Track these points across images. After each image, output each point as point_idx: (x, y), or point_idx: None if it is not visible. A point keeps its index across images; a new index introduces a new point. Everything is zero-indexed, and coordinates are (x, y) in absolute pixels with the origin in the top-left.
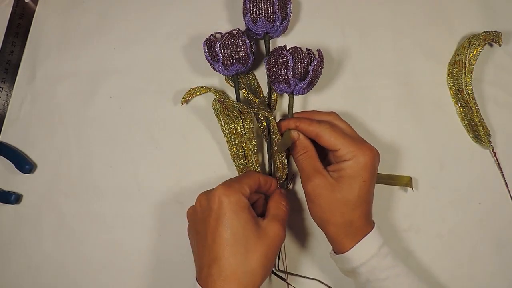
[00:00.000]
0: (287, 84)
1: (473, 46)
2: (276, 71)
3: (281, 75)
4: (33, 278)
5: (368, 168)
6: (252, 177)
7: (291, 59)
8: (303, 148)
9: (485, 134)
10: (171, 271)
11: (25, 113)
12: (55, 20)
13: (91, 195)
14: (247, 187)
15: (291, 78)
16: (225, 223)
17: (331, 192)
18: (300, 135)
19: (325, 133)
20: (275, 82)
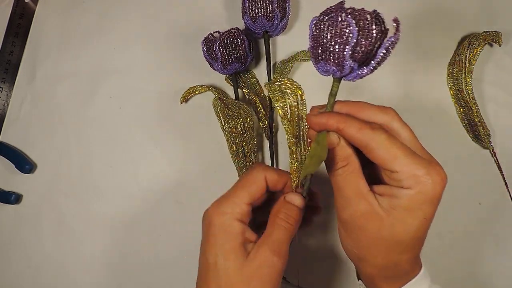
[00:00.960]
0: (338, 66)
1: (473, 46)
2: (326, 44)
3: (333, 51)
4: (33, 278)
5: (434, 202)
6: (254, 181)
7: (355, 31)
8: (344, 159)
9: (485, 134)
10: (171, 271)
11: (25, 113)
12: (55, 20)
13: (91, 195)
14: (247, 198)
15: (347, 59)
16: (209, 250)
17: (376, 227)
18: (341, 139)
19: (380, 146)
20: (320, 60)
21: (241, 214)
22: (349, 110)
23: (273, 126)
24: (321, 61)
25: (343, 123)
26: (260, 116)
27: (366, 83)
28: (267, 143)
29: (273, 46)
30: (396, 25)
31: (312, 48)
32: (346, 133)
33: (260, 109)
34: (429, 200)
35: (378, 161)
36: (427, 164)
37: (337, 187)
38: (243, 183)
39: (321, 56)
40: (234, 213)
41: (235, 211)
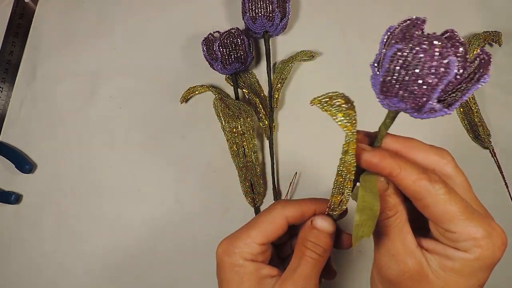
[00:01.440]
0: (417, 106)
1: (473, 46)
2: (408, 80)
3: (417, 91)
4: (33, 278)
5: (491, 267)
6: (271, 221)
7: (454, 65)
8: (392, 207)
9: (485, 134)
10: (171, 271)
11: (25, 113)
12: (55, 20)
13: (91, 195)
14: (259, 238)
15: (433, 101)
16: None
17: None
18: (390, 186)
19: (438, 202)
20: (394, 97)
21: (251, 254)
22: (399, 147)
23: (273, 126)
24: (394, 98)
25: (397, 169)
26: (260, 116)
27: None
28: (267, 143)
29: (273, 46)
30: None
31: (384, 82)
32: (400, 181)
33: (260, 109)
34: (486, 266)
35: (432, 218)
36: (487, 225)
37: (381, 242)
38: (257, 222)
39: (397, 92)
40: (243, 253)
41: (244, 251)
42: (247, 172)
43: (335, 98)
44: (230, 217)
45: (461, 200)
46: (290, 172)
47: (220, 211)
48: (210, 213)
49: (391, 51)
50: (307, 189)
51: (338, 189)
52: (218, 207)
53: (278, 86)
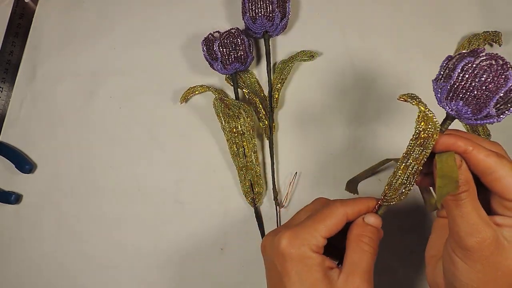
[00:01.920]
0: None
1: (473, 46)
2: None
3: (479, 95)
4: (33, 278)
5: None
6: (334, 216)
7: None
8: (466, 182)
9: (485, 134)
10: (171, 271)
11: (25, 113)
12: (55, 20)
13: (91, 195)
14: (324, 232)
15: (491, 107)
16: (288, 285)
17: (504, 258)
18: (463, 163)
19: (507, 174)
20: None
21: (317, 246)
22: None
23: (273, 126)
24: (459, 101)
25: (471, 145)
26: (260, 116)
27: (365, 83)
28: (267, 143)
29: (273, 46)
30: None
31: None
32: (474, 156)
33: (260, 109)
34: None
35: (502, 190)
36: None
37: (460, 213)
38: (321, 217)
39: (463, 96)
40: (311, 245)
41: (312, 243)
42: (247, 172)
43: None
44: (230, 217)
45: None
46: (290, 172)
47: (220, 211)
48: (210, 213)
49: (463, 62)
50: (307, 189)
51: (402, 180)
52: (218, 207)
53: (278, 86)
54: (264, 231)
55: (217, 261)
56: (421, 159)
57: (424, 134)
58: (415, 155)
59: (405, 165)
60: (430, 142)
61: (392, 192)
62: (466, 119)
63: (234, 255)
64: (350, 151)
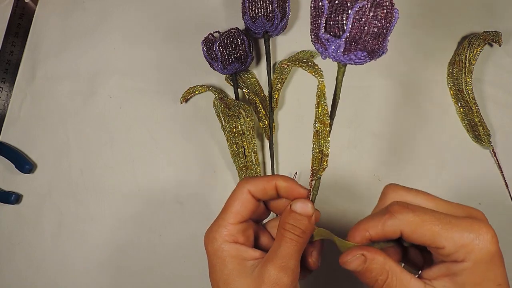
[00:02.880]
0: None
1: (473, 46)
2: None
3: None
4: (33, 278)
5: (497, 261)
6: (236, 198)
7: (326, 4)
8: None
9: (485, 134)
10: (171, 271)
11: (25, 113)
12: (55, 20)
13: (91, 195)
14: (231, 218)
15: (322, 33)
16: (212, 279)
17: None
18: (367, 257)
19: (412, 228)
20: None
21: (229, 236)
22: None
23: (273, 126)
24: (315, 44)
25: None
26: (260, 116)
27: (365, 82)
28: (267, 143)
29: (273, 46)
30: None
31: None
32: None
33: (260, 109)
34: (491, 264)
35: (419, 243)
36: (469, 227)
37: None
38: (226, 204)
39: (311, 37)
40: (222, 236)
41: (223, 234)
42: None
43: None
44: None
45: (434, 215)
46: (290, 172)
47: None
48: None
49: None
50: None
51: (316, 146)
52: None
53: (278, 86)
54: None
55: None
56: (324, 120)
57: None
58: (319, 115)
59: (314, 132)
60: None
61: (315, 162)
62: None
63: None
64: (350, 151)
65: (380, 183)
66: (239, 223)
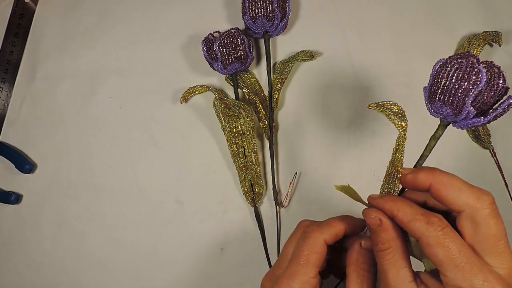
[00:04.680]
0: (456, 110)
1: (473, 46)
2: (449, 86)
3: (455, 94)
4: (33, 278)
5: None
6: (315, 251)
7: (483, 79)
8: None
9: (485, 134)
10: (171, 271)
11: (25, 113)
12: (55, 20)
13: (91, 195)
14: (313, 272)
15: (468, 105)
16: None
17: None
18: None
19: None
20: (437, 101)
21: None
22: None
23: (273, 126)
24: (438, 102)
25: (395, 211)
26: (260, 116)
27: (365, 82)
28: (267, 143)
29: (273, 46)
30: None
31: (430, 87)
32: (399, 221)
33: (260, 109)
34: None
35: (427, 256)
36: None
37: (380, 273)
38: (304, 256)
39: (439, 96)
40: None
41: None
42: (247, 172)
43: (389, 104)
44: (230, 217)
45: (458, 247)
46: (290, 172)
47: (220, 211)
48: (210, 213)
49: (437, 64)
50: (307, 189)
51: (386, 189)
52: (218, 207)
53: (278, 86)
54: (264, 231)
55: (217, 261)
56: (398, 166)
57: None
58: (394, 160)
59: (387, 172)
60: (400, 148)
61: None
62: (453, 121)
63: (234, 255)
64: (350, 151)
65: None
66: (317, 275)
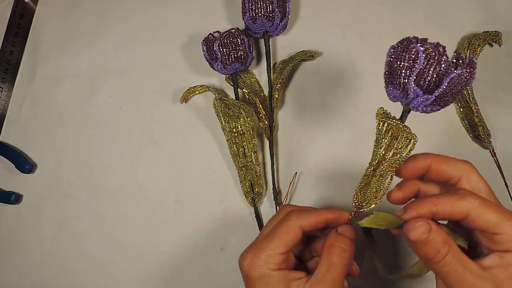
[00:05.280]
0: (403, 91)
1: (473, 46)
2: (395, 68)
3: (399, 75)
4: (33, 278)
5: None
6: (288, 231)
7: (422, 58)
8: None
9: (485, 134)
10: (171, 271)
11: (25, 113)
12: (55, 20)
13: (91, 195)
14: (280, 248)
15: (411, 85)
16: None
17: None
18: (431, 224)
19: (478, 213)
20: (389, 83)
21: (276, 264)
22: (430, 163)
23: (273, 126)
24: (389, 85)
25: (433, 206)
26: (260, 116)
27: (365, 84)
28: (267, 143)
29: (273, 46)
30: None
31: (384, 73)
32: (442, 213)
33: (260, 109)
34: None
35: (479, 228)
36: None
37: (452, 279)
38: (276, 233)
39: (389, 79)
40: (269, 264)
41: (270, 262)
42: (247, 172)
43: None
44: (230, 217)
45: (495, 205)
46: (290, 172)
47: (220, 211)
48: (210, 213)
49: (390, 49)
50: (307, 189)
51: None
52: (218, 207)
53: (278, 86)
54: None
55: (217, 261)
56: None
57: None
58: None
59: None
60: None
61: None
62: (407, 104)
63: (234, 255)
64: (350, 151)
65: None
66: (285, 252)
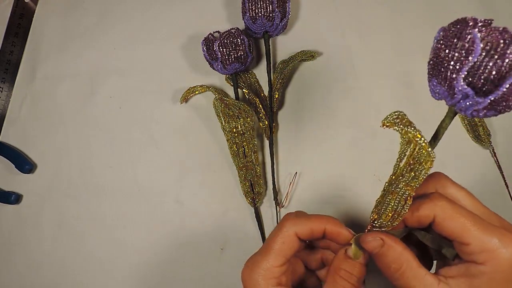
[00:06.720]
0: (449, 88)
1: None
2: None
3: (447, 68)
4: (33, 278)
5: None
6: (284, 241)
7: (478, 48)
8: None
9: (485, 134)
10: (171, 271)
11: (25, 113)
12: (55, 20)
13: (91, 195)
14: (278, 261)
15: (460, 82)
16: None
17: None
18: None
19: (446, 215)
20: (433, 76)
21: (275, 278)
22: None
23: (273, 126)
24: (433, 79)
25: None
26: (260, 116)
27: (365, 82)
28: (267, 143)
29: (273, 46)
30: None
31: (429, 62)
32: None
33: (260, 109)
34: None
35: (447, 234)
36: (499, 234)
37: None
38: (271, 245)
39: (433, 71)
40: (267, 280)
41: (268, 277)
42: (247, 172)
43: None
44: (230, 217)
45: (469, 212)
46: (290, 172)
47: (220, 211)
48: (210, 213)
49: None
50: (307, 189)
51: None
52: (218, 207)
53: (278, 86)
54: (264, 231)
55: (217, 261)
56: (414, 186)
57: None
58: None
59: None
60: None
61: (383, 218)
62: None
63: (234, 255)
64: (350, 151)
65: (380, 183)
66: (284, 265)
